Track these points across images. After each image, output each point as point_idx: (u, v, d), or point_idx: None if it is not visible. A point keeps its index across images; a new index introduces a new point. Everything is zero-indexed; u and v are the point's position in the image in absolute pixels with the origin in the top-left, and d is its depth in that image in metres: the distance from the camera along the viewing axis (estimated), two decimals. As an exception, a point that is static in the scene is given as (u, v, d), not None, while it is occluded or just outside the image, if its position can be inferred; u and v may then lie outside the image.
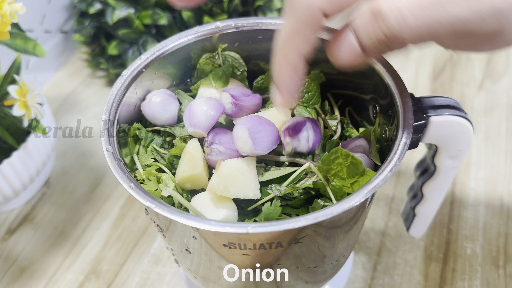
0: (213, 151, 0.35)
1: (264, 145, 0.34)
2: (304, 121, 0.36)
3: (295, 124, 0.36)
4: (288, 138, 0.36)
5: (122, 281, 0.51)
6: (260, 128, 0.34)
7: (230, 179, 0.33)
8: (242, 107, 0.38)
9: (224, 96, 0.38)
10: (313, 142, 0.36)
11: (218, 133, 0.36)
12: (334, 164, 0.33)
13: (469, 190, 0.58)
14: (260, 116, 0.36)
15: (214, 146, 0.35)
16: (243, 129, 0.34)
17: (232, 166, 0.34)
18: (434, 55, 0.76)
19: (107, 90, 0.73)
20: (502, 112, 0.67)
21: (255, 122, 0.35)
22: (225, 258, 0.34)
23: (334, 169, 0.33)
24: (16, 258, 0.53)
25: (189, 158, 0.36)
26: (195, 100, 0.37)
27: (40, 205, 0.58)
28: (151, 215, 0.37)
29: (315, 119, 0.37)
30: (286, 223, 0.28)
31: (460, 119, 0.35)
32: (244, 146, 0.34)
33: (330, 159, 0.33)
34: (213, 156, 0.36)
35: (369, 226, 0.54)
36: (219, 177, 0.33)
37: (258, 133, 0.34)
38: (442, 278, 0.50)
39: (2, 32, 0.45)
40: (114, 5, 0.65)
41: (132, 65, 0.38)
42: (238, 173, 0.34)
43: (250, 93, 0.39)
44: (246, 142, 0.34)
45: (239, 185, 0.34)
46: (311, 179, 0.35)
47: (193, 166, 0.35)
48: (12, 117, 0.50)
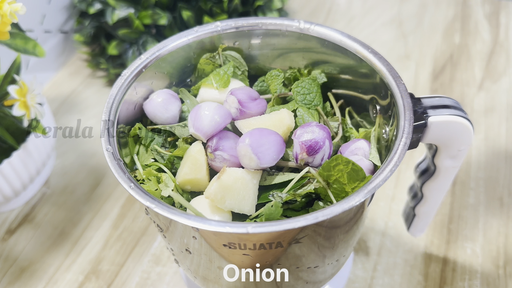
0: (217, 157, 0.35)
1: (269, 158, 0.34)
2: (323, 140, 0.35)
3: (315, 143, 0.35)
4: (305, 155, 0.35)
5: (122, 281, 0.51)
6: (263, 141, 0.34)
7: (229, 190, 0.33)
8: (247, 114, 0.37)
9: (231, 100, 0.37)
10: (326, 158, 0.36)
11: (222, 138, 0.36)
12: (334, 170, 0.33)
13: (469, 190, 0.58)
14: (261, 128, 0.35)
15: (218, 153, 0.35)
16: (246, 147, 0.33)
17: (236, 176, 0.33)
18: (434, 55, 0.76)
19: (107, 90, 0.73)
20: (502, 112, 0.67)
21: (256, 136, 0.34)
22: (225, 258, 0.34)
23: (334, 175, 0.33)
24: (16, 258, 0.53)
25: (193, 162, 0.35)
26: (205, 103, 0.37)
27: (40, 205, 0.58)
28: (151, 215, 0.37)
29: (330, 134, 0.36)
30: (286, 223, 0.28)
31: (460, 119, 0.35)
32: (250, 162, 0.34)
33: (330, 165, 0.33)
34: (216, 163, 0.35)
35: (369, 226, 0.54)
36: (219, 185, 0.33)
37: (261, 146, 0.33)
38: (442, 278, 0.50)
39: (2, 32, 0.45)
40: (114, 5, 0.65)
41: (132, 65, 0.38)
42: (240, 185, 0.33)
43: (257, 96, 0.38)
44: (251, 158, 0.33)
45: (236, 198, 0.33)
46: (312, 185, 0.34)
47: (196, 170, 0.35)
48: (12, 117, 0.50)
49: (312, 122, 0.36)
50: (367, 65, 0.38)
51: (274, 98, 0.41)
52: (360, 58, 0.38)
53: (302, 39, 0.41)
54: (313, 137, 0.35)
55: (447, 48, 0.77)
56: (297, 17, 0.83)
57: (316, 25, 0.40)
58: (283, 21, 0.41)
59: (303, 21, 0.41)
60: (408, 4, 0.86)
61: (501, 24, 0.81)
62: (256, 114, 0.38)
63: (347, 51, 0.39)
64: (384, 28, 0.81)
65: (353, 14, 0.85)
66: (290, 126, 0.37)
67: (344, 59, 0.40)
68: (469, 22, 0.82)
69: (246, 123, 0.37)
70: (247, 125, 0.37)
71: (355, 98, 0.41)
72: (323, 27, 0.40)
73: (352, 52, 0.39)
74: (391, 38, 0.79)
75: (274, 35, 0.42)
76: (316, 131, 0.35)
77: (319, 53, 0.41)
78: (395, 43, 0.78)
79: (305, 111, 0.39)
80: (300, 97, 0.39)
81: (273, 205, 0.33)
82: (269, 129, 0.35)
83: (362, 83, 0.40)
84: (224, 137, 0.36)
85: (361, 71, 0.39)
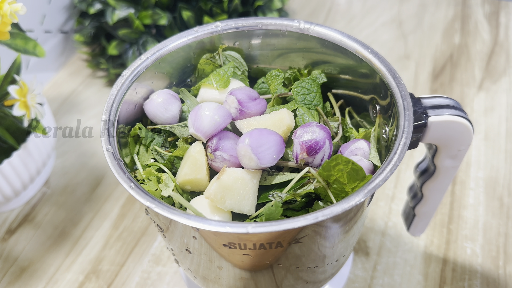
0: (217, 158, 0.35)
1: (269, 158, 0.34)
2: (323, 140, 0.35)
3: (315, 144, 0.35)
4: (305, 155, 0.35)
5: (122, 281, 0.51)
6: (263, 141, 0.34)
7: (229, 190, 0.33)
8: (246, 114, 0.37)
9: (231, 100, 0.37)
10: (326, 159, 0.36)
11: (222, 138, 0.36)
12: (334, 170, 0.33)
13: (469, 190, 0.58)
14: (261, 128, 0.35)
15: (218, 153, 0.35)
16: (246, 147, 0.33)
17: (236, 176, 0.33)
18: (434, 55, 0.76)
19: (107, 90, 0.73)
20: (502, 112, 0.67)
21: (256, 136, 0.34)
22: (225, 258, 0.34)
23: (334, 175, 0.33)
24: (16, 258, 0.53)
25: (193, 162, 0.35)
26: (205, 103, 0.37)
27: (40, 205, 0.58)
28: (151, 215, 0.37)
29: (330, 134, 0.36)
30: (286, 223, 0.28)
31: (460, 119, 0.35)
32: (249, 162, 0.34)
33: (330, 165, 0.33)
34: (216, 163, 0.35)
35: (369, 226, 0.55)
36: (219, 185, 0.33)
37: (261, 146, 0.33)
38: (442, 278, 0.50)
39: (2, 32, 0.45)
40: (114, 5, 0.65)
41: (132, 65, 0.38)
42: (239, 185, 0.33)
43: (256, 96, 0.38)
44: (251, 158, 0.33)
45: (236, 198, 0.33)
46: (312, 184, 0.34)
47: (196, 171, 0.35)
48: (12, 117, 0.50)
49: (312, 122, 0.36)
50: (367, 65, 0.38)
51: (274, 98, 0.41)
52: (360, 58, 0.38)
53: (302, 39, 0.41)
54: (314, 137, 0.35)
55: (447, 48, 0.77)
56: (297, 17, 0.83)
57: (316, 25, 0.40)
58: (283, 21, 0.41)
59: (303, 21, 0.41)
60: (408, 4, 0.86)
61: (501, 24, 0.81)
62: (256, 114, 0.38)
63: (347, 51, 0.39)
64: (384, 28, 0.81)
65: (353, 14, 0.85)
66: (290, 126, 0.37)
67: (344, 59, 0.40)
68: (469, 22, 0.82)
69: (246, 123, 0.37)
70: (247, 125, 0.37)
71: (355, 98, 0.42)
72: (323, 27, 0.40)
73: (352, 52, 0.39)
74: (391, 38, 0.79)
75: (274, 35, 0.42)
76: (316, 131, 0.35)
77: (319, 53, 0.41)
78: (395, 43, 0.78)
79: (305, 111, 0.39)
80: (300, 97, 0.39)
81: (273, 205, 0.33)
82: (269, 129, 0.35)
83: (362, 83, 0.40)
84: (224, 137, 0.36)
85: (361, 71, 0.39)
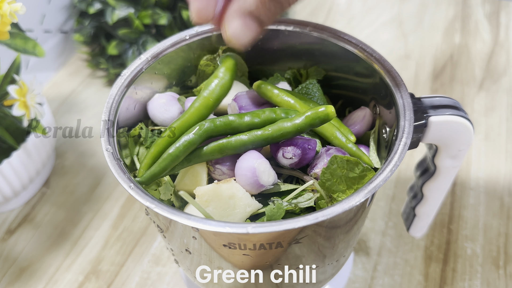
0: (217, 171, 0.35)
1: (270, 182, 0.34)
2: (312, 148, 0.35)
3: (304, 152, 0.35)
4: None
5: (122, 281, 0.51)
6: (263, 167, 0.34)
7: (218, 200, 0.33)
8: None
9: (232, 106, 0.38)
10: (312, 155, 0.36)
11: None
12: (334, 176, 0.33)
13: (469, 190, 0.58)
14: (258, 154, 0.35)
15: (218, 166, 0.35)
16: (265, 162, 0.34)
17: (234, 194, 0.33)
18: (434, 55, 0.76)
19: (107, 90, 0.73)
20: (502, 112, 0.67)
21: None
22: (225, 258, 0.34)
23: (335, 183, 0.33)
24: (16, 258, 0.53)
25: (193, 174, 0.35)
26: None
27: (40, 205, 0.58)
28: (151, 215, 0.37)
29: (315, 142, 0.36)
30: (286, 223, 0.28)
31: (460, 119, 0.35)
32: (268, 178, 0.34)
33: (329, 171, 0.33)
34: (216, 175, 0.36)
35: (369, 226, 0.54)
36: (213, 189, 0.33)
37: (263, 172, 0.34)
38: (442, 278, 0.50)
39: (2, 32, 0.45)
40: (114, 5, 0.65)
41: (132, 65, 0.38)
42: (231, 203, 0.33)
43: (264, 101, 0.38)
44: (270, 174, 0.34)
45: (220, 211, 0.33)
46: (312, 199, 0.35)
47: (196, 183, 0.35)
48: (12, 117, 0.49)
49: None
50: (367, 65, 0.38)
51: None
52: (360, 58, 0.38)
53: (302, 39, 0.41)
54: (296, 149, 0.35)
55: (447, 48, 0.77)
56: (297, 17, 0.83)
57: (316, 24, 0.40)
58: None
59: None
60: (408, 4, 0.86)
61: (501, 24, 0.81)
62: None
63: (347, 51, 0.39)
64: (384, 28, 0.81)
65: (353, 14, 0.85)
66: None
67: (344, 59, 0.40)
68: (469, 22, 0.82)
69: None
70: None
71: (355, 98, 0.41)
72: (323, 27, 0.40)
73: (352, 52, 0.39)
74: (391, 38, 0.79)
75: (274, 35, 0.42)
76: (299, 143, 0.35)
77: (319, 53, 0.41)
78: (395, 43, 0.78)
79: None
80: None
81: (275, 206, 0.33)
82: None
83: (362, 83, 0.40)
84: None
85: (361, 71, 0.39)
